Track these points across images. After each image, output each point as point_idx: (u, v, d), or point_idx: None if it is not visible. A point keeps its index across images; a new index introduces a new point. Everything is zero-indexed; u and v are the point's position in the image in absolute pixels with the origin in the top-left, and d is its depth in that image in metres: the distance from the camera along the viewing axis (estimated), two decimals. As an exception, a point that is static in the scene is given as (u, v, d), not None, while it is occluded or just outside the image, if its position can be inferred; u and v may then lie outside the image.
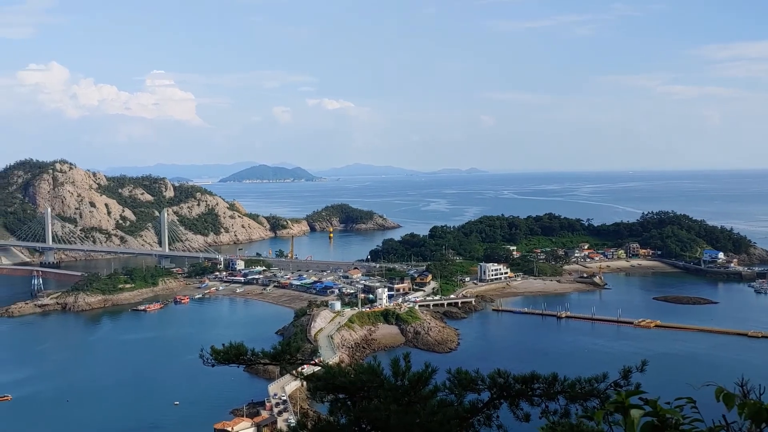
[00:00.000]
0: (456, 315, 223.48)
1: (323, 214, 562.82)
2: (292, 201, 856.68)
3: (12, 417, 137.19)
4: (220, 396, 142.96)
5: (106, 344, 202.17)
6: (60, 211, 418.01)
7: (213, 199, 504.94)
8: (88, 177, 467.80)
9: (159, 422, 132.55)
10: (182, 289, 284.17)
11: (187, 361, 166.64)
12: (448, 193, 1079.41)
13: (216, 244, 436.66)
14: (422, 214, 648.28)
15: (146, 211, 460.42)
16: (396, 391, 13.24)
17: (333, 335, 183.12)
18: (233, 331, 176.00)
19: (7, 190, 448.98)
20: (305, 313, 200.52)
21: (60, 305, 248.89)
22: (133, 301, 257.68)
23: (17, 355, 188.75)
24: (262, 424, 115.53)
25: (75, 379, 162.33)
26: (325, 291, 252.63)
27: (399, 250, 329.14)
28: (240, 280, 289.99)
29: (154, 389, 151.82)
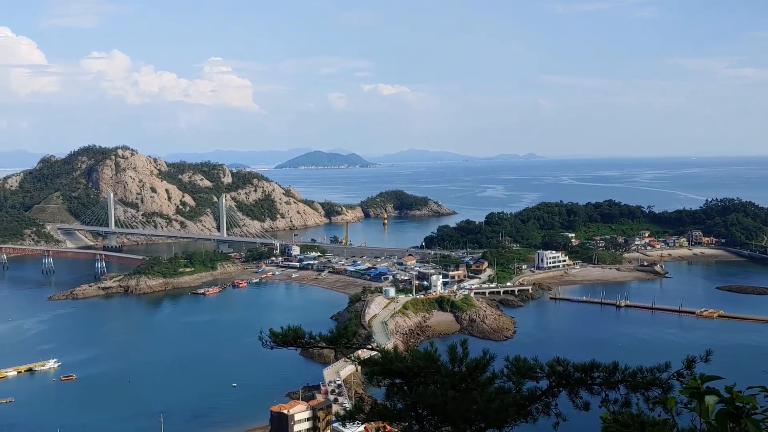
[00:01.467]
0: (512, 303, 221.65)
1: (377, 201, 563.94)
2: (347, 187, 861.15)
3: (77, 396, 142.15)
4: (276, 379, 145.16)
5: (166, 326, 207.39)
6: (122, 197, 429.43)
7: (269, 185, 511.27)
8: (149, 163, 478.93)
9: (217, 403, 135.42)
10: (240, 273, 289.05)
11: (244, 344, 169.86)
12: (505, 179, 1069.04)
13: (272, 230, 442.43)
14: (478, 200, 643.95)
15: (205, 197, 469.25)
16: (453, 377, 13.12)
17: (387, 321, 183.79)
18: (289, 316, 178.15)
19: (72, 176, 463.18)
20: (359, 299, 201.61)
21: (122, 288, 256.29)
22: (192, 285, 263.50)
23: (82, 336, 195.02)
24: (317, 408, 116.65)
25: (137, 360, 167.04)
26: (379, 277, 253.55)
27: (454, 236, 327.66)
28: (295, 266, 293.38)
29: (212, 371, 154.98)
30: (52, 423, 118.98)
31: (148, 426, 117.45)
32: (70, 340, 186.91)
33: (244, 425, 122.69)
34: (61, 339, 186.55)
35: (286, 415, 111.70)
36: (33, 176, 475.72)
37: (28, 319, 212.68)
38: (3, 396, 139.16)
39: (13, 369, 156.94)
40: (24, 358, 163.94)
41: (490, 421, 12.42)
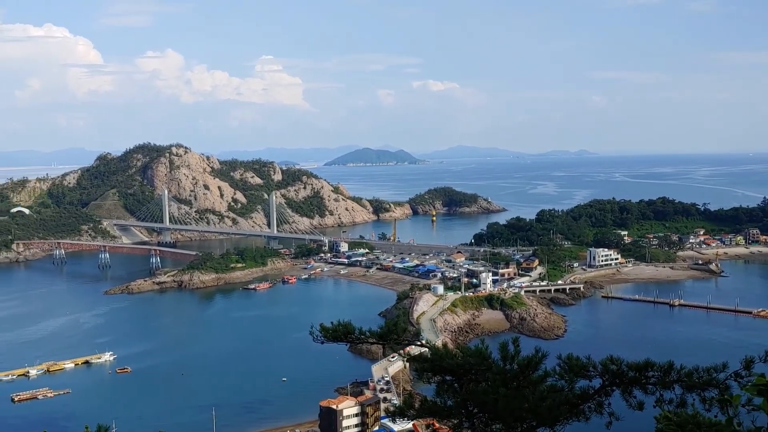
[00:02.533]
0: (563, 301, 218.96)
1: (426, 197, 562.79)
2: (395, 184, 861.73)
3: (132, 388, 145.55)
4: (325, 374, 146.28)
5: (218, 321, 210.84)
6: (176, 193, 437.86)
7: (318, 183, 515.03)
8: (202, 161, 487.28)
9: (267, 397, 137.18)
10: (289, 269, 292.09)
11: (293, 339, 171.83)
12: (556, 176, 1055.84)
13: (321, 227, 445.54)
14: (529, 197, 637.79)
15: (256, 194, 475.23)
16: (505, 375, 13.03)
17: (436, 319, 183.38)
18: (337, 312, 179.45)
19: (128, 173, 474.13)
20: (407, 296, 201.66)
21: (176, 283, 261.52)
22: (243, 280, 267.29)
23: (136, 330, 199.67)
24: (365, 404, 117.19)
25: (189, 354, 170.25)
26: (427, 274, 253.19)
27: (504, 234, 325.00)
28: (344, 262, 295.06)
29: (262, 365, 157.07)
30: (108, 415, 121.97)
31: (201, 419, 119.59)
32: (125, 333, 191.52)
33: (293, 419, 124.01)
34: (116, 332, 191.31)
35: (334, 411, 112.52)
36: (90, 173, 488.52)
37: (85, 313, 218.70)
38: (61, 387, 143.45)
39: (71, 361, 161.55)
40: (81, 351, 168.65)
41: (542, 420, 12.31)
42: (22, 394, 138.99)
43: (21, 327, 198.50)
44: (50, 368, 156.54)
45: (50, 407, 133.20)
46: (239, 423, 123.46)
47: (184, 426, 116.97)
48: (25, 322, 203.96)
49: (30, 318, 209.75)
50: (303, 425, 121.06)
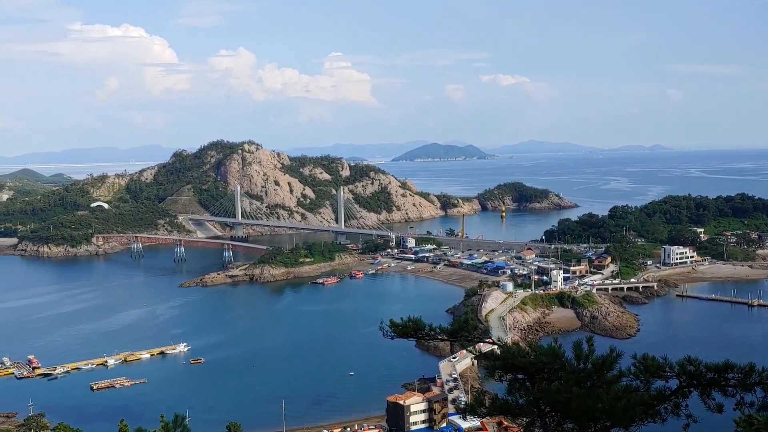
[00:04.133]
0: (636, 300, 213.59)
1: (495, 193, 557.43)
2: (464, 179, 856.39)
3: (204, 379, 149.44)
4: (392, 369, 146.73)
5: (287, 314, 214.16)
6: (248, 189, 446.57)
7: (386, 178, 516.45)
8: (273, 157, 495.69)
9: (335, 391, 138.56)
10: (357, 264, 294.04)
11: (361, 334, 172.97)
12: (629, 171, 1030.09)
13: (388, 222, 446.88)
14: (601, 193, 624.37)
15: (324, 190, 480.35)
16: (578, 374, 12.78)
17: (504, 316, 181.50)
18: (404, 308, 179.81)
19: (202, 169, 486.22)
20: (476, 293, 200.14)
21: (248, 276, 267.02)
22: (312, 275, 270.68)
23: (210, 321, 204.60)
24: (433, 400, 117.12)
25: (260, 346, 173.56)
26: (496, 271, 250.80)
27: (576, 230, 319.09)
28: (411, 258, 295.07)
29: (330, 359, 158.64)
30: (182, 404, 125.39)
31: (271, 410, 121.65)
32: (198, 325, 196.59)
33: (360, 414, 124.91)
34: (190, 324, 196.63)
35: (402, 406, 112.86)
36: (166, 170, 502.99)
37: (161, 305, 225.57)
38: (137, 377, 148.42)
39: (147, 352, 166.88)
40: (157, 342, 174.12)
41: (617, 420, 12.04)
42: (101, 383, 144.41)
43: (100, 318, 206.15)
44: (127, 358, 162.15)
45: (127, 396, 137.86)
46: (308, 415, 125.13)
47: (255, 417, 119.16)
48: (104, 314, 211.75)
49: (109, 309, 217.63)
50: (370, 419, 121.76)
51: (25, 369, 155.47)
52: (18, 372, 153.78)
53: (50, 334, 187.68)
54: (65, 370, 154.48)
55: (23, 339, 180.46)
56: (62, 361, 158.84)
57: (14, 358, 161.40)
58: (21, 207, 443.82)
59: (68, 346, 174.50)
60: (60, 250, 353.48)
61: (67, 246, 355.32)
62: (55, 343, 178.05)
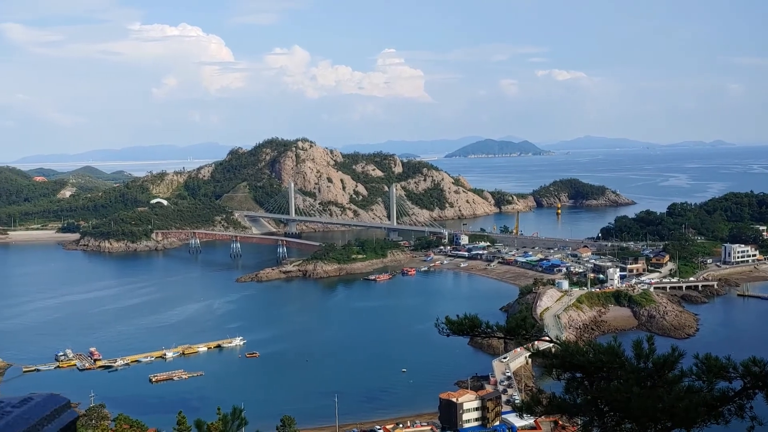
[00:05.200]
0: (695, 299, 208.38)
1: (551, 189, 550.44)
2: (518, 175, 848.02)
3: (260, 372, 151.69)
4: (445, 367, 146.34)
5: (340, 310, 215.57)
6: (301, 186, 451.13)
7: (439, 175, 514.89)
8: (326, 154, 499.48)
9: (388, 387, 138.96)
10: (409, 261, 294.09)
11: (413, 331, 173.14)
12: (689, 168, 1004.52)
13: (441, 219, 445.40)
14: (659, 189, 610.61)
15: (377, 186, 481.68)
16: (638, 374, 12.53)
17: (560, 315, 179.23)
18: (457, 305, 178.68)
19: (257, 167, 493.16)
20: (530, 291, 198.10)
21: (301, 272, 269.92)
22: (364, 271, 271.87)
23: (264, 316, 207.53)
24: (486, 398, 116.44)
25: (313, 341, 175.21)
26: (551, 269, 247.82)
27: (633, 228, 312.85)
28: (464, 255, 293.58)
29: (382, 355, 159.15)
30: (238, 397, 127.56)
31: (324, 405, 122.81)
32: (254, 319, 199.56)
33: (413, 410, 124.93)
34: (246, 318, 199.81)
35: (455, 403, 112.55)
36: (223, 167, 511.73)
37: (218, 299, 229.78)
38: (195, 370, 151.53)
39: (204, 345, 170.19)
40: (213, 335, 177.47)
41: (678, 421, 11.75)
42: (159, 375, 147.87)
43: (159, 312, 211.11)
44: (185, 351, 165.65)
45: (184, 388, 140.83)
46: (360, 411, 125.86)
47: (308, 411, 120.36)
48: (163, 307, 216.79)
49: (167, 303, 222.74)
50: (423, 416, 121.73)
51: (87, 361, 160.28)
52: (80, 364, 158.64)
53: (111, 327, 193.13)
54: (125, 362, 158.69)
55: (85, 331, 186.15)
56: (122, 354, 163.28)
57: (77, 350, 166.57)
58: (83, 203, 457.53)
59: (128, 339, 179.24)
60: (121, 245, 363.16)
61: (128, 241, 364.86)
62: (116, 336, 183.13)
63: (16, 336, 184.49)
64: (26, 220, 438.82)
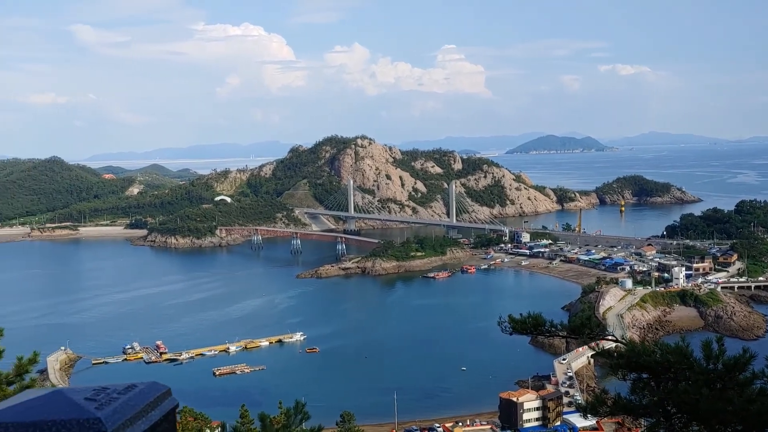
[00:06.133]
0: (765, 299, 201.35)
1: (614, 186, 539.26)
2: (581, 172, 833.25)
3: (319, 367, 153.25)
4: (505, 366, 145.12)
5: (399, 307, 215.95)
6: (360, 183, 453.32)
7: (499, 171, 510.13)
8: (385, 151, 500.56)
9: (447, 385, 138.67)
10: (469, 259, 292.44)
11: (473, 329, 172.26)
12: (758, 164, 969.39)
13: (501, 216, 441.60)
14: (727, 186, 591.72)
15: (436, 183, 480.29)
16: (707, 375, 12.23)
17: (623, 314, 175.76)
18: (518, 304, 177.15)
19: (317, 164, 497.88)
20: (593, 290, 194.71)
21: (360, 269, 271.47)
22: (423, 269, 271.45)
23: (324, 312, 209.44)
24: (547, 398, 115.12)
25: (372, 338, 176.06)
26: (614, 268, 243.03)
27: (699, 226, 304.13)
28: (525, 253, 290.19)
29: (442, 353, 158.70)
30: (298, 391, 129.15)
31: (383, 401, 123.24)
32: (314, 315, 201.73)
33: (472, 409, 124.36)
34: (306, 314, 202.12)
35: (515, 403, 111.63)
36: (284, 165, 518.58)
37: (279, 295, 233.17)
38: (257, 364, 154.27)
39: (266, 340, 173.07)
40: (275, 330, 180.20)
41: (749, 424, 11.41)
42: (223, 369, 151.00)
43: (223, 306, 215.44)
44: (247, 345, 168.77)
45: (247, 382, 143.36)
46: (419, 408, 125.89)
47: (367, 407, 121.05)
48: (227, 302, 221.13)
49: (231, 298, 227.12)
50: (482, 415, 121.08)
51: (153, 354, 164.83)
52: (146, 357, 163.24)
53: (177, 321, 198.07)
54: (190, 355, 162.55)
55: (152, 325, 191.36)
56: (187, 347, 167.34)
57: (143, 344, 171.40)
58: (151, 200, 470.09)
59: (193, 333, 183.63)
60: (186, 241, 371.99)
61: (193, 238, 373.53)
62: (181, 330, 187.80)
63: (86, 329, 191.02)
64: (96, 217, 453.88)
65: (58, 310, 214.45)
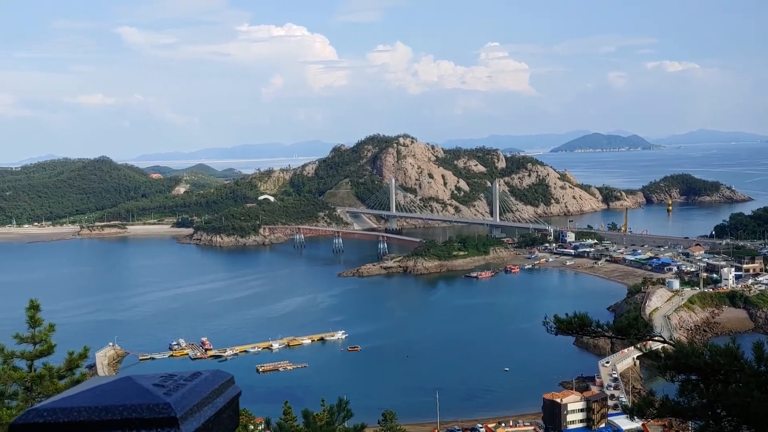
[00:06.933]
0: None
1: (661, 185, 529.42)
2: (627, 171, 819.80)
3: (361, 366, 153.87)
4: (548, 367, 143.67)
5: (441, 307, 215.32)
6: (402, 182, 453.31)
7: (543, 170, 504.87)
8: (427, 150, 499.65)
9: (489, 386, 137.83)
10: (512, 258, 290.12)
11: (516, 330, 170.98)
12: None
13: (545, 215, 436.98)
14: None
15: (479, 182, 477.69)
16: (759, 377, 11.92)
17: (670, 315, 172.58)
18: (563, 304, 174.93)
19: (359, 163, 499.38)
20: (639, 291, 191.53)
21: (401, 268, 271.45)
22: (465, 268, 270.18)
23: (365, 311, 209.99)
24: (591, 400, 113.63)
25: (414, 337, 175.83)
26: (661, 268, 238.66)
27: (750, 225, 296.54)
28: (570, 253, 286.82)
29: (484, 353, 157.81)
30: (340, 389, 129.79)
31: (425, 401, 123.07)
32: (355, 314, 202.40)
33: (515, 410, 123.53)
34: (347, 312, 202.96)
35: (559, 404, 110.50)
36: (326, 164, 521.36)
37: (321, 293, 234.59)
38: (299, 361, 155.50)
39: (308, 337, 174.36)
40: (317, 328, 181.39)
41: (804, 429, 11.13)
42: (266, 366, 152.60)
43: (266, 304, 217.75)
44: (290, 343, 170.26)
45: (289, 379, 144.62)
46: (461, 408, 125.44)
47: (409, 406, 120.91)
48: (270, 300, 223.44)
49: (274, 296, 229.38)
50: (525, 416, 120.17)
51: (198, 350, 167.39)
52: (192, 353, 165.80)
53: (221, 318, 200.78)
54: (234, 352, 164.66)
55: (198, 322, 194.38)
56: (231, 344, 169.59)
57: (189, 340, 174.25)
58: (196, 200, 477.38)
59: (237, 330, 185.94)
60: (231, 240, 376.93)
61: (237, 236, 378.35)
62: (225, 327, 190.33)
63: (133, 325, 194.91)
64: (143, 215, 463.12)
65: (106, 307, 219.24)
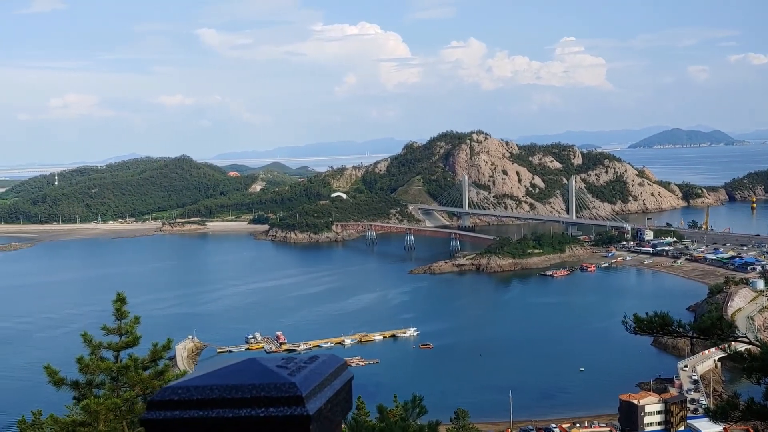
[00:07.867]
0: None
1: (745, 182, 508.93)
2: (709, 167, 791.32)
3: (433, 363, 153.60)
4: (625, 367, 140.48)
5: (514, 305, 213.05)
6: (475, 179, 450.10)
7: (621, 166, 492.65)
8: (501, 146, 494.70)
9: (564, 386, 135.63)
10: (588, 257, 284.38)
11: (592, 329, 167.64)
12: None
13: (623, 213, 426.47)
14: None
15: (554, 179, 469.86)
16: None
17: (754, 317, 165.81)
18: (640, 303, 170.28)
19: (431, 160, 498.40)
20: (721, 290, 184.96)
21: (474, 266, 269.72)
22: (540, 266, 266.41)
23: (437, 308, 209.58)
24: (670, 402, 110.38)
25: (487, 335, 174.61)
26: (745, 267, 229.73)
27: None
28: (648, 251, 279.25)
29: (559, 353, 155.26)
30: (412, 386, 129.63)
31: (499, 400, 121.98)
32: (427, 311, 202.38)
33: (591, 410, 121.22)
34: (419, 310, 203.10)
35: (636, 406, 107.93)
36: (398, 161, 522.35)
37: (392, 290, 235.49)
38: (371, 357, 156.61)
39: (380, 334, 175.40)
40: (388, 325, 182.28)
41: None
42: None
43: (339, 300, 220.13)
44: (362, 339, 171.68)
45: (361, 375, 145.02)
46: (535, 408, 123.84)
47: (482, 405, 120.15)
48: (342, 296, 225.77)
49: (346, 292, 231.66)
50: (601, 417, 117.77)
51: (273, 344, 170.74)
52: (267, 347, 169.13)
53: (295, 313, 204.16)
54: (307, 347, 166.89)
55: (273, 316, 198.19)
56: (305, 339, 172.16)
57: (264, 334, 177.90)
58: (272, 197, 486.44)
59: (310, 325, 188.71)
60: (304, 236, 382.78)
61: (311, 233, 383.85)
62: (300, 322, 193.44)
63: (212, 319, 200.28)
64: (222, 212, 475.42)
65: (186, 301, 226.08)
